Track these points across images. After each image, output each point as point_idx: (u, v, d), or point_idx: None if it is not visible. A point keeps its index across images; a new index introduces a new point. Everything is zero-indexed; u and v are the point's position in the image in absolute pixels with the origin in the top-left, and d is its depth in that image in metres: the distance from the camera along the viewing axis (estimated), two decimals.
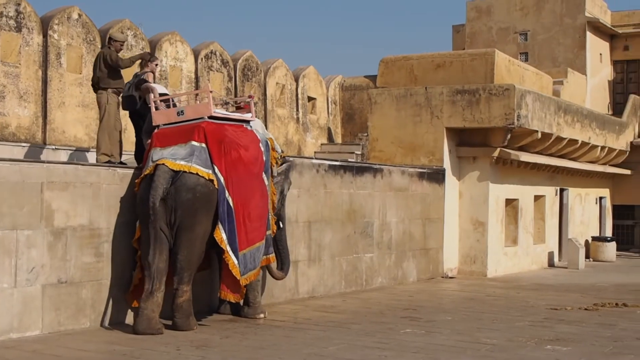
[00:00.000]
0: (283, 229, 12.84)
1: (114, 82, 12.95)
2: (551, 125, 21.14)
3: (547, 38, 29.03)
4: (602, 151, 25.93)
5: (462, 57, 21.15)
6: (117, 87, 12.96)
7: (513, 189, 21.04)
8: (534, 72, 23.57)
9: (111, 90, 12.92)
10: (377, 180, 16.83)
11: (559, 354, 9.81)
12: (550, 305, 14.52)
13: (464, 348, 10.02)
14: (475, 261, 19.79)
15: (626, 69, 30.98)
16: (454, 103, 19.36)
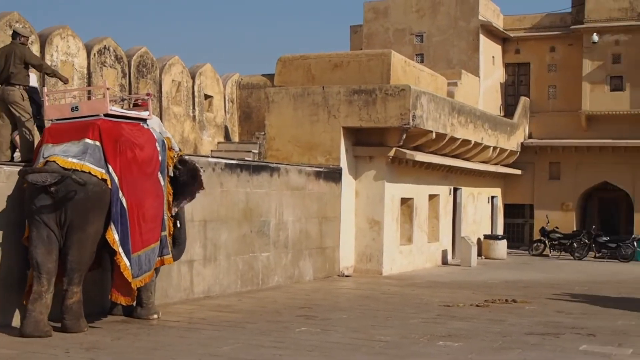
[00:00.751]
0: (181, 228, 12.57)
1: (24, 78, 12.49)
2: (445, 125, 21.53)
3: (442, 40, 29.56)
4: (494, 151, 26.58)
5: (359, 58, 21.33)
6: (25, 84, 12.49)
7: (408, 188, 21.34)
8: (429, 73, 23.97)
9: (22, 87, 12.42)
10: (274, 179, 16.81)
11: (450, 349, 9.98)
12: (443, 302, 14.78)
13: (358, 345, 10.08)
14: (371, 259, 19.99)
15: (517, 71, 31.82)
16: (351, 103, 19.50)
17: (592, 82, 29.37)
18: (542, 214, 29.80)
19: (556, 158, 30.27)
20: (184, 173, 12.20)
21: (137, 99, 12.64)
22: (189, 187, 12.22)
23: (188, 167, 12.28)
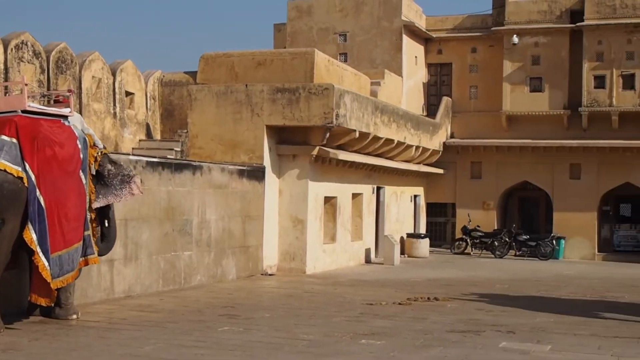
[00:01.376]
0: (110, 227, 12.29)
1: None
2: (369, 124, 21.62)
3: (366, 40, 29.70)
4: (417, 151, 26.83)
5: (282, 56, 21.27)
6: None
7: (332, 187, 21.36)
8: (352, 73, 24.04)
9: None
10: (196, 178, 16.61)
11: (373, 347, 10.00)
12: (366, 300, 14.82)
13: (281, 344, 10.02)
14: (294, 258, 19.94)
15: (440, 71, 32.19)
16: (274, 101, 19.42)
17: (513, 83, 29.89)
18: (464, 212, 30.21)
19: (477, 157, 30.71)
20: (114, 175, 11.92)
21: (58, 96, 12.33)
22: (115, 190, 11.94)
23: (122, 172, 12.02)
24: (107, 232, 12.26)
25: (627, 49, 28.57)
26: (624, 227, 30.29)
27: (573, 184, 29.52)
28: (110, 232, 12.34)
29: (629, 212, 29.95)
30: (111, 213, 12.33)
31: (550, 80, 29.51)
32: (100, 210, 11.98)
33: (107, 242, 12.26)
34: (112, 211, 12.39)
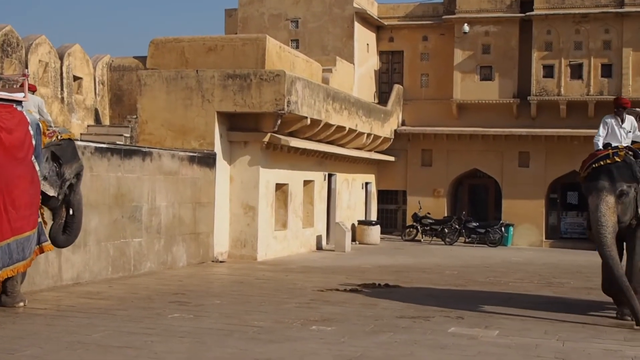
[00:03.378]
0: (75, 216, 12.11)
1: None
2: (320, 111, 21.61)
3: (317, 26, 29.65)
4: (368, 138, 26.89)
5: (233, 42, 21.14)
6: None
7: (283, 174, 21.33)
8: (304, 60, 23.99)
9: None
10: (146, 164, 16.46)
11: (323, 334, 10.01)
12: (317, 287, 14.84)
13: (231, 331, 9.98)
14: (245, 245, 19.89)
15: (391, 59, 32.28)
16: (225, 87, 19.30)
17: (463, 71, 30.09)
18: (415, 200, 30.41)
19: (428, 145, 30.90)
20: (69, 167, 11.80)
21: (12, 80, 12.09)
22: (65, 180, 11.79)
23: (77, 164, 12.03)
24: (70, 222, 12.09)
25: (576, 39, 28.93)
26: (571, 215, 30.74)
27: (522, 171, 29.87)
28: (74, 223, 12.13)
29: (576, 200, 30.36)
30: (76, 201, 12.11)
31: (500, 69, 29.78)
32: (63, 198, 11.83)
33: (68, 235, 12.11)
34: (77, 199, 12.16)
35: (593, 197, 11.70)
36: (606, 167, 11.71)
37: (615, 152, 11.79)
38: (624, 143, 12.18)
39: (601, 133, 12.34)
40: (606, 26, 28.68)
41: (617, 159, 11.71)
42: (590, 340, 10.18)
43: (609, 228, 11.46)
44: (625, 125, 12.36)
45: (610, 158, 11.73)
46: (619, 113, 12.39)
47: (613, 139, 12.22)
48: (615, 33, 28.57)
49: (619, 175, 11.64)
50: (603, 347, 9.73)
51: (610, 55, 28.60)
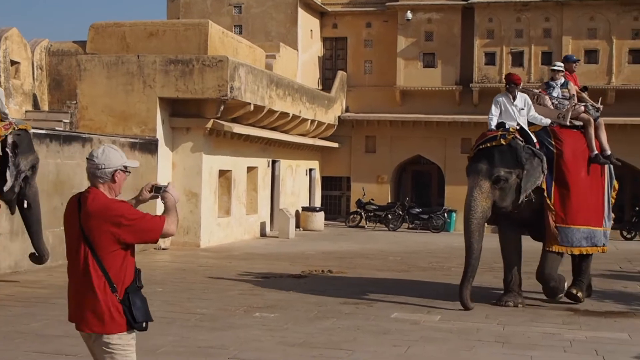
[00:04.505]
0: (32, 209, 11.94)
1: None
2: (264, 98, 21.50)
3: (261, 12, 29.46)
4: (312, 124, 26.86)
5: (175, 27, 20.91)
6: None
7: (226, 160, 21.19)
8: (247, 45, 23.84)
9: None
10: (86, 150, 16.18)
11: (266, 320, 9.99)
12: (260, 273, 14.81)
13: (173, 319, 9.90)
14: (188, 232, 19.73)
15: (335, 45, 32.24)
16: (167, 73, 19.08)
17: (406, 58, 30.20)
18: (359, 186, 30.48)
19: (372, 132, 30.97)
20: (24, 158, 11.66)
21: None
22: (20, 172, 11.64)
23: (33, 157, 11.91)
24: (28, 216, 12.03)
25: (517, 27, 29.22)
26: None
27: (464, 158, 29.85)
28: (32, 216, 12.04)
29: None
30: (31, 194, 11.96)
31: (442, 56, 29.95)
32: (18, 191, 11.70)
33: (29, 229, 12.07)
34: (32, 192, 12.00)
35: (469, 180, 11.53)
36: (489, 150, 11.40)
37: (503, 135, 11.41)
38: (519, 121, 11.79)
39: (494, 112, 11.94)
40: (546, 14, 29.03)
41: (503, 142, 11.34)
42: (530, 324, 10.33)
43: (478, 214, 11.31)
44: (517, 103, 11.92)
45: (496, 140, 11.39)
46: (510, 90, 11.94)
47: (507, 118, 11.79)
48: (555, 21, 28.93)
49: (499, 160, 11.31)
50: (542, 330, 9.88)
51: (550, 43, 28.95)
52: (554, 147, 11.81)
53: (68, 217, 4.68)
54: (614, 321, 10.71)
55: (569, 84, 12.71)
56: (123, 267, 4.62)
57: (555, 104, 12.37)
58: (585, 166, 12.06)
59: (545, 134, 11.94)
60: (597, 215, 12.10)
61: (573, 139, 12.07)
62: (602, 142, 12.34)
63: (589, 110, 12.50)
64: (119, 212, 4.56)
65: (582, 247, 11.90)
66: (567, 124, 12.12)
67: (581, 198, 11.79)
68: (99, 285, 4.54)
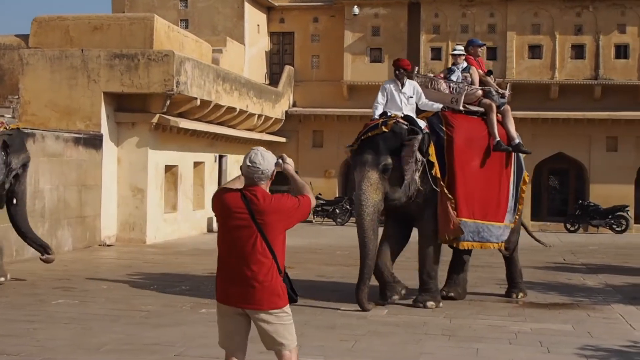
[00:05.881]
0: (18, 206, 12.15)
1: None
2: (210, 92, 21.37)
3: (207, 6, 29.25)
4: (259, 119, 26.77)
5: (120, 21, 20.65)
6: None
7: (173, 156, 21.02)
8: (193, 40, 23.66)
9: None
10: (29, 146, 15.85)
11: (213, 316, 9.76)
12: (207, 270, 14.69)
13: (118, 316, 9.78)
14: (134, 228, 19.53)
15: (282, 40, 32.16)
16: (112, 67, 18.85)
17: (353, 53, 30.25)
18: (306, 181, 30.26)
19: (319, 126, 30.97)
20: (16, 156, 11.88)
21: None
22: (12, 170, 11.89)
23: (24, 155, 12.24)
24: (13, 213, 12.20)
25: (462, 23, 29.45)
26: None
27: None
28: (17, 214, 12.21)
29: None
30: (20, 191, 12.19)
31: (389, 51, 30.04)
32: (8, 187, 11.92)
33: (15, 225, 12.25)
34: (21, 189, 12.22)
35: (356, 173, 10.83)
36: (373, 139, 10.70)
37: (384, 122, 10.74)
38: (405, 110, 11.11)
39: (379, 100, 11.26)
40: (491, 10, 29.30)
41: (385, 129, 10.63)
42: (476, 316, 10.43)
43: (369, 209, 10.56)
44: (405, 90, 11.18)
45: (378, 128, 10.71)
46: (399, 77, 11.19)
47: (393, 106, 11.12)
48: (500, 17, 29.22)
49: (385, 148, 10.58)
50: (488, 323, 9.98)
51: (495, 39, 29.24)
52: (444, 134, 11.08)
53: (231, 210, 5.34)
54: (558, 313, 10.86)
55: (470, 68, 11.92)
56: (283, 251, 5.40)
57: (452, 88, 11.58)
58: (481, 155, 11.34)
59: (437, 120, 11.22)
60: (495, 208, 11.42)
61: (469, 125, 11.36)
62: (509, 130, 11.76)
63: (492, 96, 11.75)
64: (290, 205, 5.41)
65: (472, 242, 11.22)
66: (461, 109, 11.42)
67: (471, 189, 11.07)
68: (271, 267, 5.27)
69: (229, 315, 5.37)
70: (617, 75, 28.54)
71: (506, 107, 11.93)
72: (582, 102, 28.73)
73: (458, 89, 11.50)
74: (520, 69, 29.01)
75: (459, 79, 11.76)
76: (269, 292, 5.28)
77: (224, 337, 5.45)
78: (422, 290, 11.17)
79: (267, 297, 5.27)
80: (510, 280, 12.29)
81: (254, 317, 5.33)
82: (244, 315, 5.34)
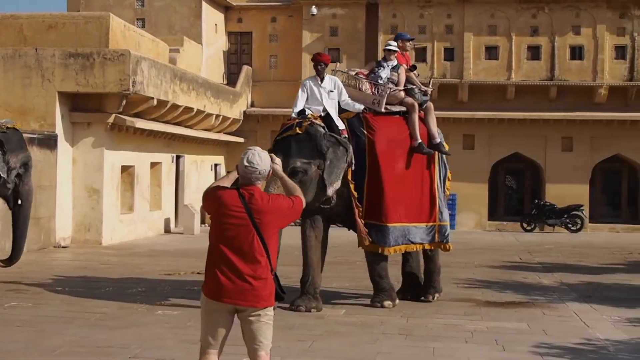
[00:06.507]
0: (23, 207, 12.00)
1: None
2: (167, 92, 21.23)
3: (164, 5, 29.04)
4: (217, 119, 26.65)
5: (76, 20, 20.44)
6: None
7: (129, 156, 20.83)
8: (150, 39, 23.48)
9: None
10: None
11: (169, 318, 9.85)
12: (164, 270, 14.61)
13: (72, 318, 9.66)
14: (90, 229, 19.32)
15: (240, 40, 32.04)
16: (67, 66, 18.64)
17: (311, 53, 29.80)
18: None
19: (277, 127, 29.81)
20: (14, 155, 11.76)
21: None
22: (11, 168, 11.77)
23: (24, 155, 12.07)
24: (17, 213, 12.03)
25: (420, 23, 29.58)
26: None
27: None
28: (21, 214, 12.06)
29: None
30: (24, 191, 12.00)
31: (347, 51, 30.06)
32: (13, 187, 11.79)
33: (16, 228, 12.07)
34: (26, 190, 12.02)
35: None
36: (286, 140, 10.35)
37: (299, 123, 10.38)
38: (326, 104, 10.78)
39: (299, 97, 10.88)
40: (449, 11, 29.46)
41: (299, 131, 10.27)
42: (433, 315, 10.48)
43: None
44: (325, 85, 10.87)
45: (292, 129, 10.37)
46: (319, 71, 10.91)
47: (314, 102, 10.79)
48: (457, 18, 29.40)
49: (296, 150, 10.22)
50: (444, 322, 10.03)
51: (453, 39, 29.42)
52: (365, 136, 10.83)
53: (228, 208, 5.36)
54: (514, 311, 10.95)
55: (400, 68, 11.54)
56: (276, 250, 5.50)
57: (374, 89, 11.27)
58: (405, 157, 11.11)
59: (358, 122, 10.97)
60: (421, 209, 11.24)
61: (390, 127, 11.08)
62: (431, 128, 11.42)
63: (415, 94, 11.45)
64: (286, 206, 5.47)
65: (398, 246, 11.02)
66: (382, 111, 11.12)
67: (397, 192, 10.89)
68: (266, 265, 5.35)
69: (218, 312, 5.39)
70: (572, 76, 28.87)
71: (429, 104, 11.59)
72: (538, 103, 29.03)
73: (381, 91, 11.21)
74: (477, 69, 29.21)
75: (386, 76, 11.43)
76: (264, 290, 5.36)
77: (208, 333, 5.45)
78: (376, 290, 11.16)
79: (262, 295, 5.35)
80: (428, 279, 11.79)
81: (243, 315, 5.37)
82: (233, 313, 5.39)
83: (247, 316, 5.37)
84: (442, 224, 11.46)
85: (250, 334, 5.41)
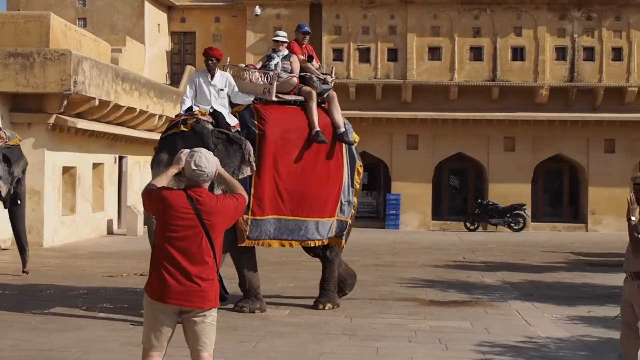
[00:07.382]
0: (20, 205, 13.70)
1: None
2: (109, 92, 20.98)
3: (106, 5, 28.75)
4: (160, 120, 26.38)
5: (15, 19, 20.10)
6: None
7: (71, 157, 20.55)
8: (92, 39, 23.19)
9: None
10: None
11: (111, 320, 9.72)
12: (106, 272, 14.45)
13: (12, 322, 9.50)
14: (30, 231, 18.85)
15: (183, 40, 31.87)
16: (6, 66, 18.32)
17: (256, 53, 30.06)
18: None
19: None
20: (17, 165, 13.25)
21: None
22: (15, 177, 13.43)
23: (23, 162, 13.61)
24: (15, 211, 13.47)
25: (363, 24, 29.72)
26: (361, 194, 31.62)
27: None
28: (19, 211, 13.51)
29: (366, 180, 31.34)
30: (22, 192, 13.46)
31: None
32: None
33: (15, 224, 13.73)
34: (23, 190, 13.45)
35: (152, 174, 9.92)
36: (172, 138, 9.97)
37: (184, 120, 10.01)
38: (215, 103, 10.39)
39: (187, 94, 10.51)
40: (392, 12, 29.66)
41: (184, 128, 9.90)
42: (377, 315, 10.52)
43: None
44: (215, 82, 10.50)
45: (177, 127, 10.01)
46: (210, 67, 10.52)
47: (202, 100, 10.42)
48: (400, 19, 29.60)
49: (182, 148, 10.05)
50: (388, 321, 10.08)
51: (396, 40, 29.61)
52: (256, 127, 10.38)
53: (176, 210, 5.34)
54: (457, 310, 11.06)
55: (292, 56, 11.21)
56: (221, 251, 5.50)
57: (264, 77, 10.82)
58: (300, 147, 10.62)
59: (249, 114, 10.51)
60: (320, 203, 10.77)
61: (285, 117, 10.63)
62: (335, 117, 11.00)
63: (313, 82, 11.02)
64: (232, 206, 5.49)
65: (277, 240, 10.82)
66: (274, 99, 10.63)
67: (282, 185, 10.46)
68: (212, 266, 5.37)
69: (164, 313, 5.34)
70: (513, 77, 29.28)
71: (331, 93, 11.17)
72: (481, 103, 29.37)
73: (270, 78, 10.71)
74: (420, 70, 29.44)
75: (278, 66, 10.99)
76: (211, 291, 5.37)
77: (152, 335, 5.38)
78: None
79: (209, 296, 5.35)
80: (322, 286, 11.18)
81: (187, 316, 5.35)
82: (177, 314, 5.36)
83: (192, 317, 5.35)
84: (340, 219, 11.00)
85: (194, 335, 5.38)
